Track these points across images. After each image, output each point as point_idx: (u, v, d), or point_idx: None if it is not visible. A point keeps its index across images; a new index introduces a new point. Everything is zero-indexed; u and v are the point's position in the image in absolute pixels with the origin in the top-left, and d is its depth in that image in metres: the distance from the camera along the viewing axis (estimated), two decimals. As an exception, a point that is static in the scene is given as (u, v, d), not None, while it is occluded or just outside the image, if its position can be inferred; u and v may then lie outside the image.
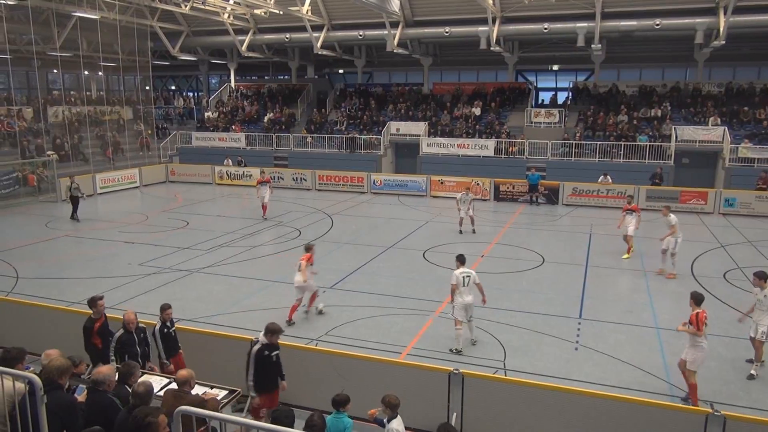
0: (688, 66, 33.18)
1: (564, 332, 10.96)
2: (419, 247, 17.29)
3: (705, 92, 29.91)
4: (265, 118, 35.28)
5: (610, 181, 24.62)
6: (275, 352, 7.27)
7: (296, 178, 29.14)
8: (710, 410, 6.57)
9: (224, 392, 6.98)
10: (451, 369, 7.42)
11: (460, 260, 10.25)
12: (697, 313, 8.33)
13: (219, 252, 16.54)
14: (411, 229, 19.78)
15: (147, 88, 39.04)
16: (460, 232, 19.14)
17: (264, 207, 21.09)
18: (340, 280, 14.07)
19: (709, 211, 23.01)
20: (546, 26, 27.91)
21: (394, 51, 30.50)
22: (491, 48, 28.69)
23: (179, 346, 8.26)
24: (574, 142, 27.77)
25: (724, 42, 24.96)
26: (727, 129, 26.04)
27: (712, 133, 26.31)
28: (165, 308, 8.14)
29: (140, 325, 7.88)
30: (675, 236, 14.29)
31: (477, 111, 31.78)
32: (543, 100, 36.29)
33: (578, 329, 11.15)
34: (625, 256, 16.32)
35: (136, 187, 28.87)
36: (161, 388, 6.77)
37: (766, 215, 22.21)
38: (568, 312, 12.04)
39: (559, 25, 27.93)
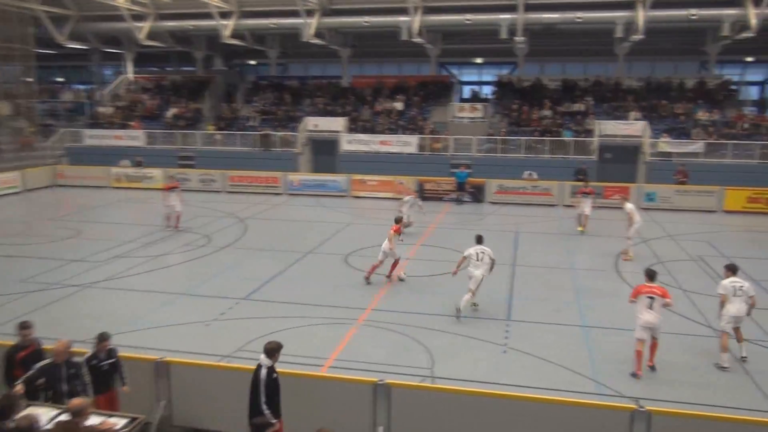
0: (609, 61, 35.16)
1: (492, 335, 11.29)
2: (340, 251, 17.28)
3: (625, 86, 31.80)
4: (168, 114, 34.11)
5: (536, 177, 25.61)
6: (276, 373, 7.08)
7: (204, 179, 28.35)
8: (635, 407, 6.97)
9: (124, 421, 6.68)
10: (376, 380, 7.47)
11: (477, 240, 12.53)
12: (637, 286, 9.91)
13: (116, 264, 15.80)
14: (331, 233, 19.73)
15: (29, 79, 36.70)
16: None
17: (177, 216, 19.88)
18: (256, 289, 13.81)
19: (632, 206, 24.43)
20: (468, 17, 28.73)
21: (310, 41, 30.35)
22: (413, 39, 29.17)
23: (112, 384, 7.64)
24: (498, 137, 28.69)
25: (642, 36, 26.69)
26: (647, 123, 27.80)
27: (632, 127, 28.00)
28: (100, 339, 7.56)
29: (74, 359, 7.26)
30: (636, 222, 16.25)
31: (399, 106, 32.18)
32: (470, 94, 37.33)
33: (507, 331, 11.53)
34: (580, 228, 19.67)
35: (17, 193, 27.06)
36: (50, 420, 6.39)
37: (685, 209, 23.87)
38: (496, 314, 12.43)
39: (481, 17, 28.84)
